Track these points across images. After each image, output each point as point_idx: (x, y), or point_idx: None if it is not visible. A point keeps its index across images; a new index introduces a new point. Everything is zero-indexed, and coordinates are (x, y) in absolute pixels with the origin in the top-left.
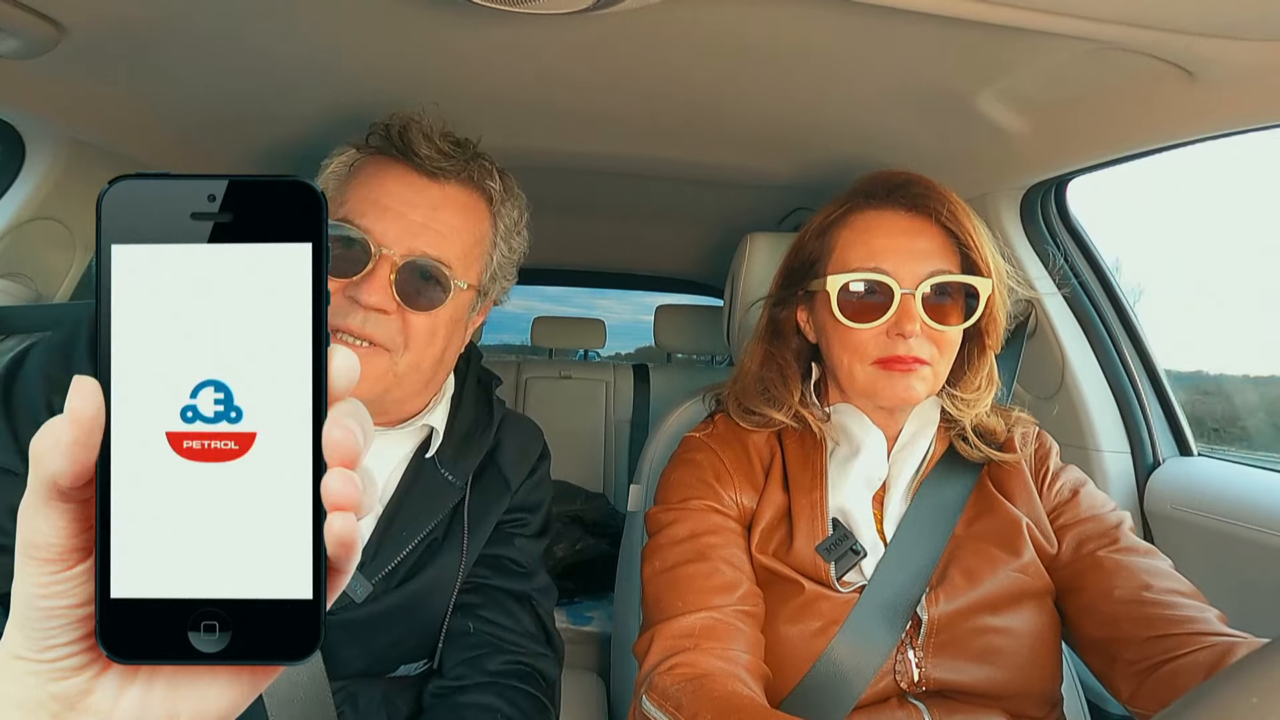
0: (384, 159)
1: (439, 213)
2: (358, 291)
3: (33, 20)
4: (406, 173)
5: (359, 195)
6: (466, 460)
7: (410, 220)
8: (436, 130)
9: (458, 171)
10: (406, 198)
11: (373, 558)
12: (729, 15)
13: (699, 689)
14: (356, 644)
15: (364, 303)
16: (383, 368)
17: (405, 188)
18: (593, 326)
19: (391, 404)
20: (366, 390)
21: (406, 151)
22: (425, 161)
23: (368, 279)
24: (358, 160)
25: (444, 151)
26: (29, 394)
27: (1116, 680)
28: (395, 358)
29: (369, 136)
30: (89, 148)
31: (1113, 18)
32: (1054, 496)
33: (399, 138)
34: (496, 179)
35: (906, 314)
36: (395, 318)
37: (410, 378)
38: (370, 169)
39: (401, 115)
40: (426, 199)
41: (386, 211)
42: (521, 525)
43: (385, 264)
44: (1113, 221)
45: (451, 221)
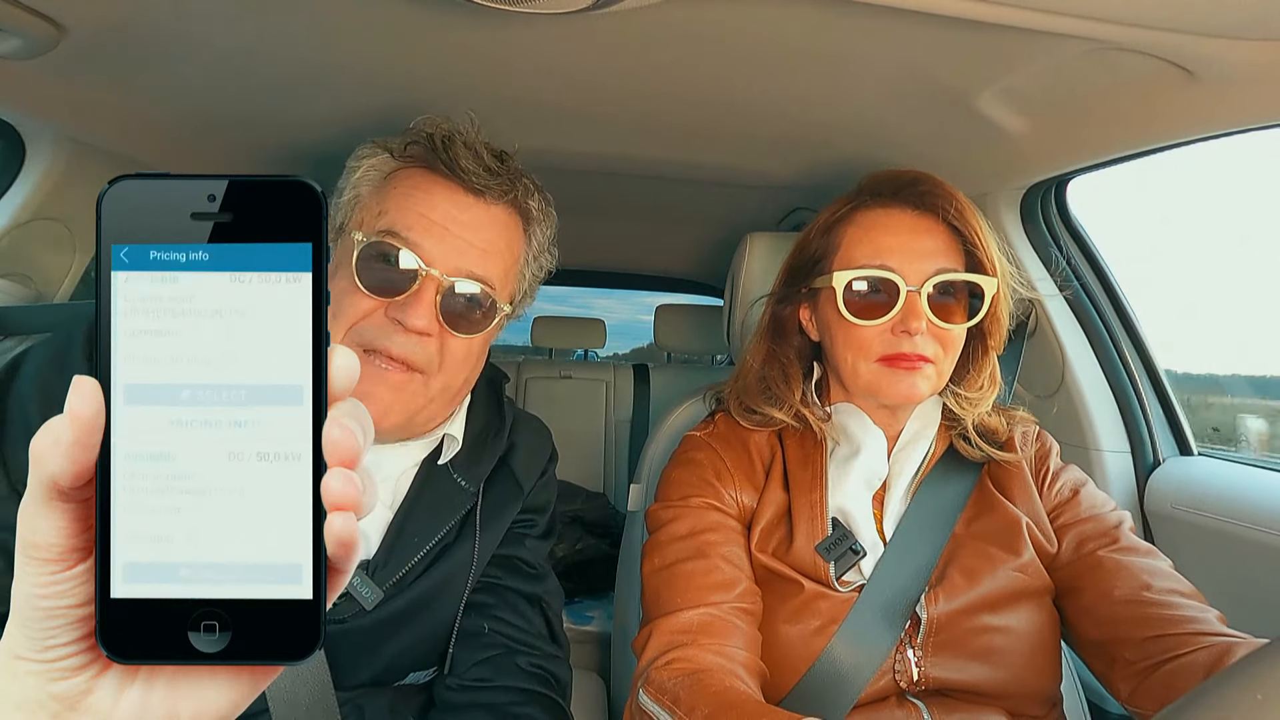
0: (425, 171)
1: (483, 231)
2: (402, 314)
3: (33, 20)
4: (451, 189)
5: (401, 207)
6: (480, 465)
7: (456, 238)
8: (478, 142)
9: (506, 191)
10: (451, 214)
11: (384, 564)
12: (728, 15)
13: (696, 683)
14: (366, 652)
15: (410, 326)
16: (415, 391)
17: (451, 205)
18: (592, 326)
19: (420, 422)
20: (399, 413)
21: (453, 166)
22: (471, 178)
23: (413, 300)
24: (396, 170)
25: (490, 168)
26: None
27: (1116, 680)
28: (429, 380)
29: (407, 145)
30: (89, 148)
31: (1113, 18)
32: (1054, 496)
33: (444, 150)
34: (536, 198)
35: (912, 311)
36: (434, 340)
37: (441, 399)
38: (412, 181)
39: (443, 125)
40: (472, 217)
41: (432, 227)
42: (530, 526)
43: (431, 284)
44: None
45: (495, 241)
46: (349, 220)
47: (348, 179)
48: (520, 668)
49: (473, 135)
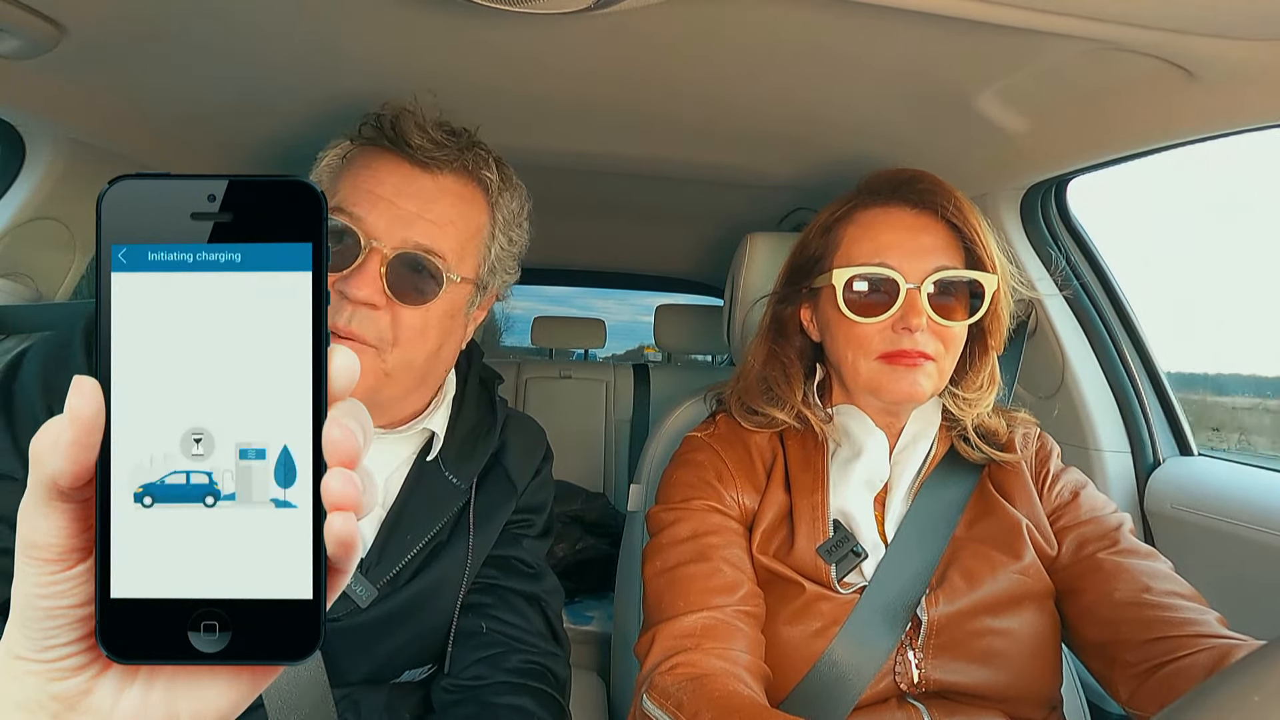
0: (376, 149)
1: (432, 203)
2: (346, 285)
3: (33, 20)
4: (399, 163)
5: (350, 185)
6: (471, 462)
7: (402, 210)
8: (430, 120)
9: (452, 161)
10: (398, 187)
11: (377, 562)
12: (728, 15)
13: (700, 688)
14: (361, 649)
15: (353, 297)
16: (368, 365)
17: (397, 177)
18: (592, 326)
19: (386, 403)
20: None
21: (398, 141)
22: (418, 151)
23: (357, 272)
24: (350, 151)
25: (437, 141)
26: (27, 399)
27: (1116, 682)
28: (383, 354)
29: (361, 127)
30: (89, 148)
31: (1113, 18)
32: (1054, 498)
33: (390, 128)
34: (493, 169)
35: (912, 309)
36: (384, 313)
37: (401, 375)
38: (362, 159)
39: (394, 104)
40: (419, 189)
41: (378, 201)
42: (527, 526)
43: (375, 256)
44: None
45: (446, 212)
46: None
47: (315, 169)
48: (515, 664)
49: (423, 113)
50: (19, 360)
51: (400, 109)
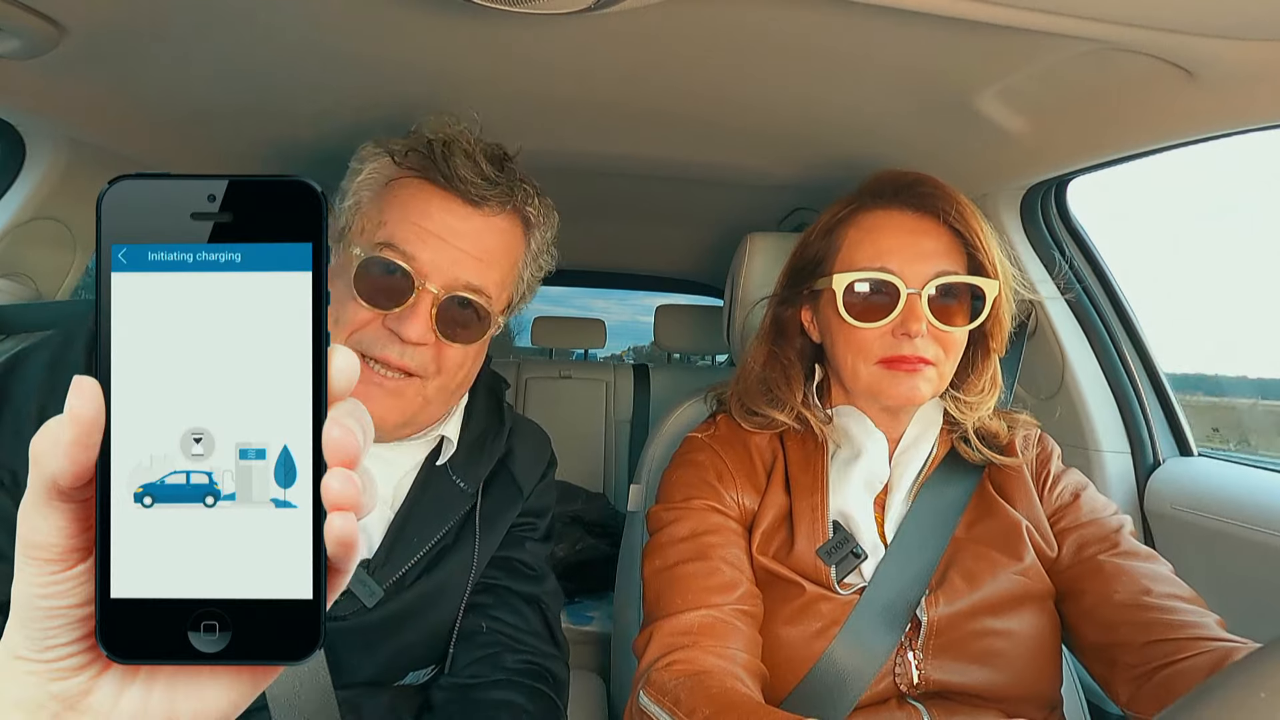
0: (425, 183)
1: (481, 241)
2: (399, 325)
3: (33, 20)
4: (449, 199)
5: (399, 219)
6: (479, 467)
7: (454, 250)
8: (478, 147)
9: (502, 201)
10: (450, 225)
11: (384, 563)
12: (728, 16)
13: (697, 685)
14: (366, 650)
15: (405, 337)
16: (413, 395)
17: (448, 214)
18: (592, 326)
19: (419, 423)
20: (398, 416)
21: (450, 177)
22: (469, 188)
23: (410, 312)
24: (396, 177)
25: (488, 177)
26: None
27: (1115, 684)
28: (426, 384)
29: (408, 151)
30: (89, 148)
31: (1113, 18)
32: (1055, 500)
33: (443, 160)
34: (536, 203)
35: (912, 314)
36: (430, 349)
37: (438, 400)
38: (410, 191)
39: (443, 130)
40: (470, 228)
41: (429, 239)
42: (531, 529)
43: (426, 297)
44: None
45: (493, 250)
46: (350, 227)
47: (350, 181)
48: (512, 663)
49: (473, 142)
50: (19, 360)
51: (451, 139)
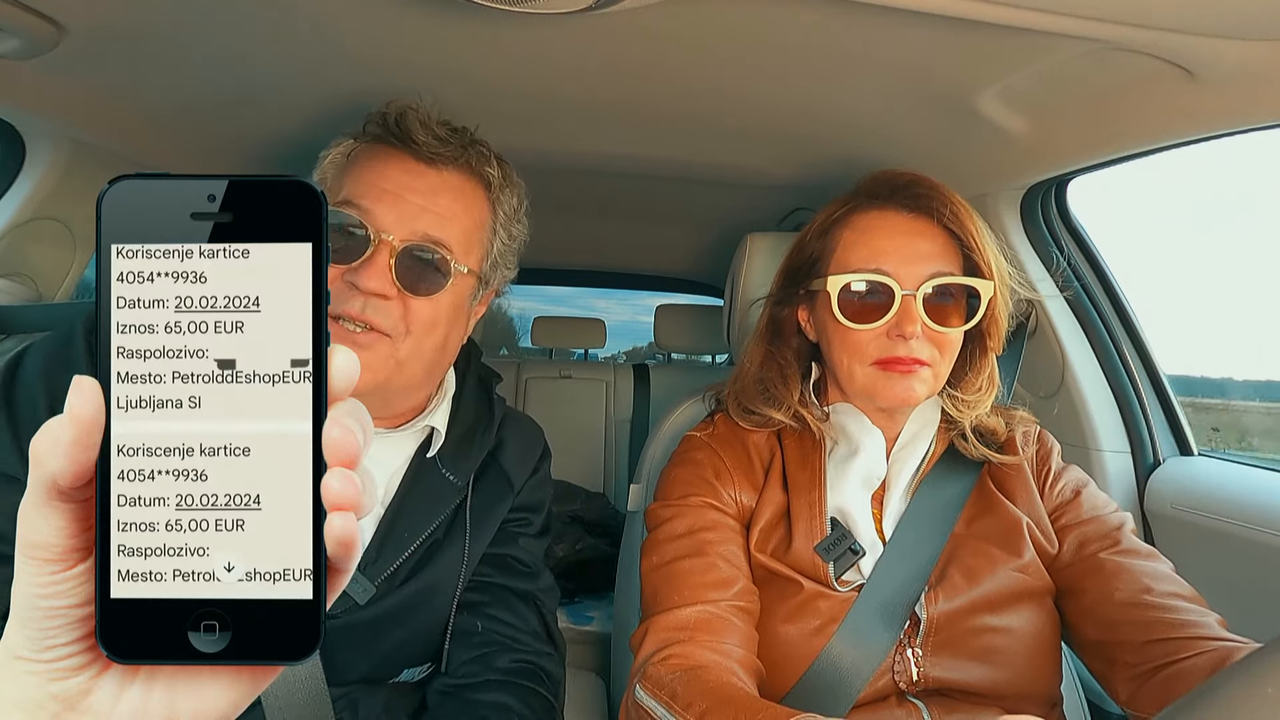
0: (381, 146)
1: (437, 197)
2: (357, 277)
3: (33, 20)
4: (404, 159)
5: (356, 180)
6: (468, 460)
7: (409, 203)
8: (433, 118)
9: (455, 157)
10: (404, 182)
11: (375, 559)
12: (728, 16)
13: (693, 679)
14: (359, 647)
15: (363, 288)
16: (384, 354)
17: (403, 173)
18: (592, 326)
19: (394, 394)
20: (369, 379)
21: (404, 138)
22: (422, 148)
23: (367, 264)
24: (355, 149)
25: (440, 137)
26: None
27: (1115, 682)
28: (397, 344)
29: (366, 125)
30: (89, 148)
31: (1113, 18)
32: (1055, 497)
33: (396, 125)
34: (494, 165)
35: (907, 315)
36: (396, 304)
37: (412, 365)
38: (367, 156)
39: (398, 103)
40: (424, 183)
41: (384, 195)
42: (525, 525)
43: (384, 249)
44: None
45: (450, 206)
46: None
47: (318, 167)
48: (509, 663)
49: (427, 113)
50: (20, 360)
51: (404, 107)
